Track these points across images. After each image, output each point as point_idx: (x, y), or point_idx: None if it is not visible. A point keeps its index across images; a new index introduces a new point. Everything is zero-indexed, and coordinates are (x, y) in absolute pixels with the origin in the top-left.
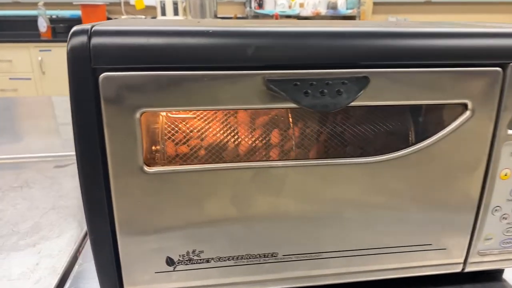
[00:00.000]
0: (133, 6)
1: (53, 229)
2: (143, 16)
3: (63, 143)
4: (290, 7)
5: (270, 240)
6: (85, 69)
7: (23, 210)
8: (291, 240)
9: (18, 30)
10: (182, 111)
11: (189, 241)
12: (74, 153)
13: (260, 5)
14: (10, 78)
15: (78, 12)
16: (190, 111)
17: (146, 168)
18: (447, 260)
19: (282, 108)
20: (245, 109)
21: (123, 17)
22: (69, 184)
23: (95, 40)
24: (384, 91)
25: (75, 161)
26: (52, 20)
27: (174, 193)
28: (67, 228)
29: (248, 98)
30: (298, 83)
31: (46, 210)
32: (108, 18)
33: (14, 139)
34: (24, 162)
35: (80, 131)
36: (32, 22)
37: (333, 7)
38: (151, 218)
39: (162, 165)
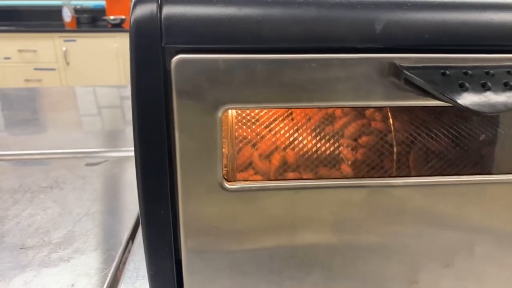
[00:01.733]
0: None
1: (89, 240)
2: None
3: (90, 137)
4: None
5: (376, 279)
6: (153, 49)
7: (54, 215)
8: (404, 278)
9: (43, 20)
10: (279, 109)
11: (274, 279)
12: (105, 149)
13: None
14: (34, 69)
15: (102, 3)
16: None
17: (226, 184)
18: None
19: (415, 106)
20: (366, 107)
21: None
22: (103, 186)
23: (168, 10)
24: None
25: (107, 158)
26: (76, 10)
27: (260, 216)
28: (104, 239)
29: (370, 92)
30: (447, 71)
31: (80, 216)
32: None
33: (40, 132)
34: (53, 159)
35: (142, 133)
36: (56, 12)
37: None
38: (228, 248)
39: (245, 181)
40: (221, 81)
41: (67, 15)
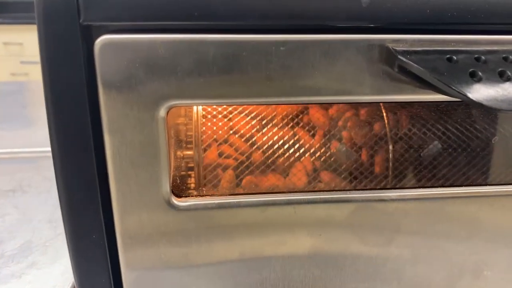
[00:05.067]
0: None
1: (47, 252)
2: None
3: None
4: None
5: None
6: (68, 28)
7: (12, 223)
8: None
9: (29, 12)
10: (238, 105)
11: None
12: None
13: None
14: (21, 62)
15: None
16: (248, 105)
17: (174, 200)
18: None
19: (409, 102)
20: (352, 103)
21: None
22: None
23: None
24: None
25: None
26: None
27: (220, 240)
28: (65, 250)
29: (356, 84)
30: (455, 57)
31: (41, 224)
32: None
33: (18, 128)
34: (23, 158)
35: (61, 139)
36: None
37: None
38: (180, 279)
39: (199, 196)
40: (162, 70)
41: None
